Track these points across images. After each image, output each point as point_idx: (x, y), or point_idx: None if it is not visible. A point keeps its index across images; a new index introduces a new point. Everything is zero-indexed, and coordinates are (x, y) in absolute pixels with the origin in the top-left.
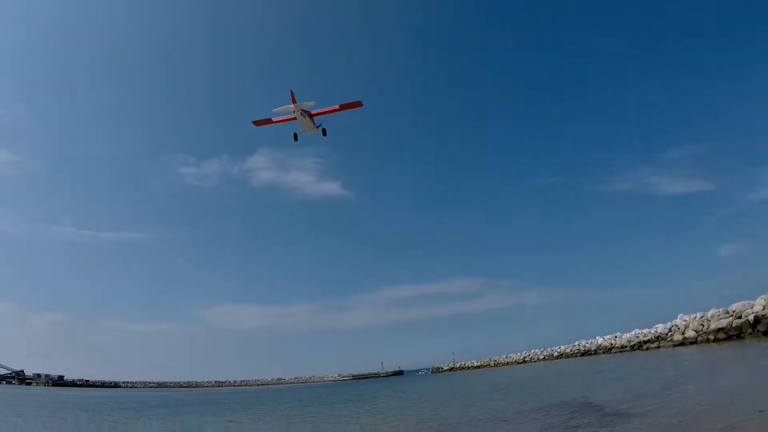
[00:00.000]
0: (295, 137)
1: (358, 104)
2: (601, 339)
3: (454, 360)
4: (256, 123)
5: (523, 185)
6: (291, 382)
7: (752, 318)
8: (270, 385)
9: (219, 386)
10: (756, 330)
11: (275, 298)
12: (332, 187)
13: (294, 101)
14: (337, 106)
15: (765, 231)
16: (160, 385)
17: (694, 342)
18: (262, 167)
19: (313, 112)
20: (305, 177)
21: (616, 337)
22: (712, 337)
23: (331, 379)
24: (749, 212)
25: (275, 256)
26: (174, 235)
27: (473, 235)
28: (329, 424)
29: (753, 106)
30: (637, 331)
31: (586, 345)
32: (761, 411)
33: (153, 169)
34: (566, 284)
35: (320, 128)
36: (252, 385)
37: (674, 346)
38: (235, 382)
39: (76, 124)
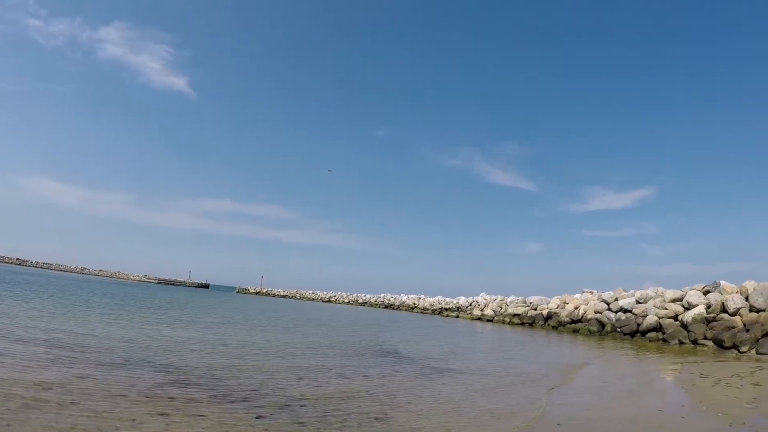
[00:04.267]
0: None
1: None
2: (406, 297)
3: (262, 284)
4: None
5: (360, 133)
6: (95, 274)
7: (546, 313)
8: (72, 273)
9: (20, 264)
10: (547, 323)
11: (92, 180)
12: (178, 82)
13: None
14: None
15: (568, 241)
16: None
17: (490, 320)
18: (113, 41)
19: None
20: (154, 63)
21: (420, 298)
22: (507, 320)
23: (136, 278)
24: (560, 221)
25: (102, 136)
26: (3, 91)
27: (303, 170)
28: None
29: (596, 133)
30: (440, 297)
31: (391, 299)
32: (552, 389)
33: None
34: (382, 236)
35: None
36: (54, 269)
37: (472, 319)
38: (37, 263)
39: None
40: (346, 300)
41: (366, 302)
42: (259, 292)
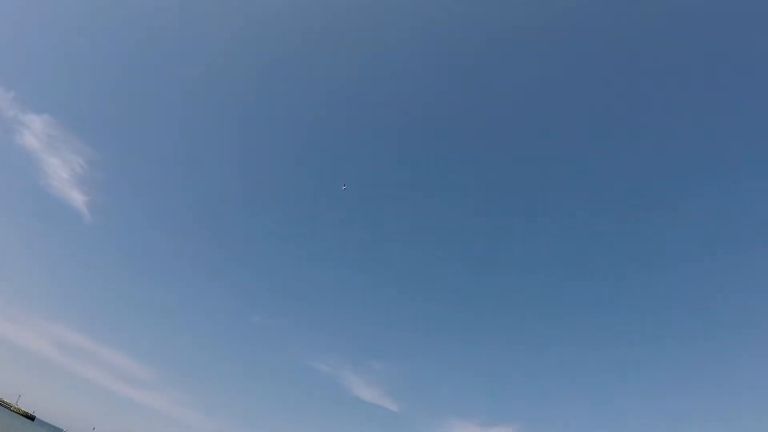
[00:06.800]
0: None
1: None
2: None
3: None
4: None
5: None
6: None
7: None
8: None
9: None
10: None
11: None
12: (78, 199)
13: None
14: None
15: None
16: None
17: None
18: (36, 132)
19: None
20: (63, 171)
21: None
22: None
23: None
24: None
25: None
26: None
27: (169, 328)
28: None
29: (466, 369)
30: None
31: None
32: None
33: None
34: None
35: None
36: None
37: None
38: None
39: None
40: None
41: None
42: None
